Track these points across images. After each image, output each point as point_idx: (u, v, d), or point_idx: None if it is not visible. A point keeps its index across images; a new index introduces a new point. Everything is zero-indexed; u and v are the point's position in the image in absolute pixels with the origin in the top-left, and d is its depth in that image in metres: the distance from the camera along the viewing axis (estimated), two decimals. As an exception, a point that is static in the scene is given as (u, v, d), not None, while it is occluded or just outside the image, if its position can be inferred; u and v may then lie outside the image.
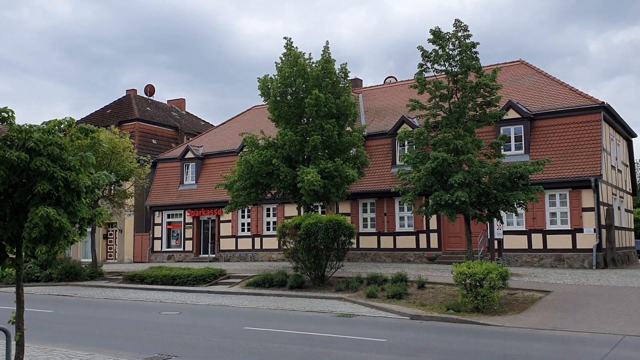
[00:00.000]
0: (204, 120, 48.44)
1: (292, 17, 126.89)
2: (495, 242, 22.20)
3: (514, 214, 21.32)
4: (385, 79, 38.08)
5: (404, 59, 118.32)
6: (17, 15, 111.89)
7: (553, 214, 23.99)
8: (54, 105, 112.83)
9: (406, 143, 24.39)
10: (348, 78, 25.45)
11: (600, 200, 23.53)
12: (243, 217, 32.47)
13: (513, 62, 30.67)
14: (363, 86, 37.13)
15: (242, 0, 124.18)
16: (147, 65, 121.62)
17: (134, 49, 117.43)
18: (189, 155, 34.81)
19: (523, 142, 24.81)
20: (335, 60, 24.50)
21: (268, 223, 31.63)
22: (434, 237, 26.57)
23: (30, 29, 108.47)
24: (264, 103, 26.52)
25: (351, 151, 24.81)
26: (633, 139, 30.88)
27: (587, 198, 23.29)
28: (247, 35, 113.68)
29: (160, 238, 35.33)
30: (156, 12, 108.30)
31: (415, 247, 27.02)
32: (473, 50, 19.32)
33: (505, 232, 23.32)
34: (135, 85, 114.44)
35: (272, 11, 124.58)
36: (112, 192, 29.94)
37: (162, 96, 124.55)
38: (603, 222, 23.67)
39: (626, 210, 29.28)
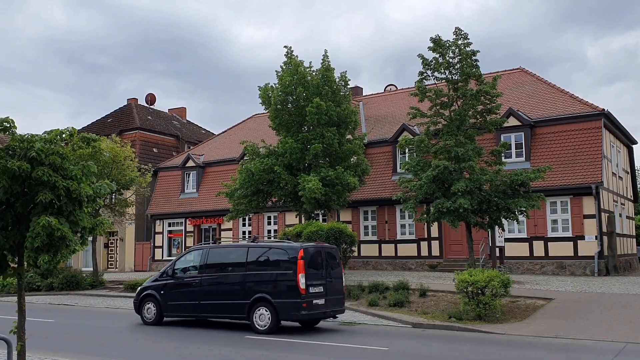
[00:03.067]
0: (204, 129, 48.53)
1: (289, 23, 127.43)
2: (497, 249, 22.17)
3: (515, 222, 21.29)
4: (386, 87, 38.16)
5: (402, 65, 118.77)
6: (12, 23, 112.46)
7: (554, 221, 23.96)
8: (51, 113, 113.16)
9: (407, 151, 24.40)
10: (348, 86, 25.54)
11: (602, 207, 23.52)
12: (244, 225, 32.46)
13: (513, 69, 30.76)
14: (363, 94, 37.22)
15: (238, 8, 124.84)
16: (144, 73, 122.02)
17: (129, 56, 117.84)
18: (190, 163, 34.85)
19: (524, 150, 24.83)
20: (334, 69, 24.60)
21: (269, 231, 31.60)
22: (435, 244, 26.53)
23: (26, 36, 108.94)
24: (264, 111, 26.57)
25: (352, 159, 24.84)
26: (633, 146, 30.92)
27: (588, 205, 23.27)
28: (244, 43, 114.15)
29: (162, 247, 35.31)
30: (151, 19, 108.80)
31: (416, 255, 26.97)
32: (473, 58, 19.37)
33: (506, 240, 23.30)
34: (131, 93, 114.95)
35: (268, 18, 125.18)
36: (113, 201, 29.94)
37: (159, 104, 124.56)
38: (604, 229, 23.64)
39: (627, 217, 29.26)
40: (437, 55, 19.55)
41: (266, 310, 13.55)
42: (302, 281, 13.32)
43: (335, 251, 15.22)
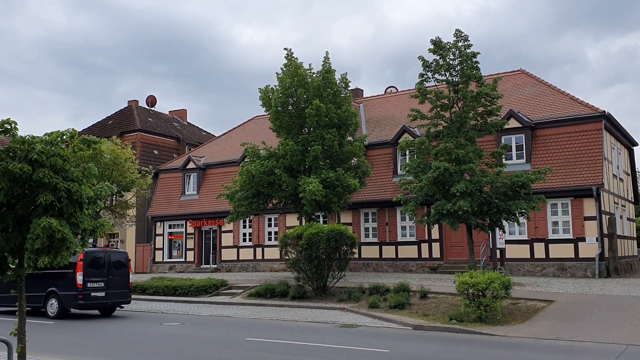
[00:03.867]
0: (205, 131, 48.58)
1: (288, 25, 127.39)
2: (498, 251, 22.15)
3: (515, 223, 21.28)
4: (386, 89, 38.18)
5: (402, 67, 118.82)
6: (12, 25, 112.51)
7: (555, 223, 23.94)
8: (50, 115, 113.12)
9: (407, 153, 24.39)
10: (349, 88, 25.53)
11: (602, 209, 23.49)
12: (244, 227, 32.44)
13: (513, 71, 30.75)
14: (364, 96, 37.24)
15: (237, 10, 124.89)
16: (143, 75, 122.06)
17: (129, 58, 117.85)
18: (191, 165, 34.84)
19: (524, 151, 24.81)
20: (335, 71, 24.60)
21: (269, 233, 31.59)
22: (436, 246, 26.51)
23: (25, 38, 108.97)
24: (265, 113, 26.58)
25: (352, 161, 24.83)
26: (634, 148, 30.90)
27: (589, 207, 23.25)
28: (244, 45, 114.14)
29: (162, 249, 35.28)
30: (151, 21, 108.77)
31: (417, 256, 26.95)
32: (474, 60, 19.38)
33: (507, 242, 23.24)
34: (131, 95, 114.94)
35: (268, 20, 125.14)
36: (114, 202, 29.95)
37: (160, 106, 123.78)
38: (605, 231, 23.61)
39: (628, 219, 29.22)
40: (438, 57, 19.57)
41: (55, 301, 17.47)
42: (79, 278, 17.22)
43: (121, 255, 19.11)
